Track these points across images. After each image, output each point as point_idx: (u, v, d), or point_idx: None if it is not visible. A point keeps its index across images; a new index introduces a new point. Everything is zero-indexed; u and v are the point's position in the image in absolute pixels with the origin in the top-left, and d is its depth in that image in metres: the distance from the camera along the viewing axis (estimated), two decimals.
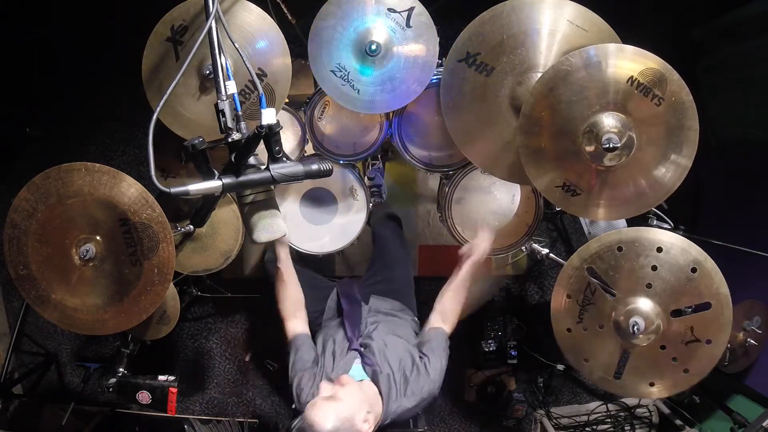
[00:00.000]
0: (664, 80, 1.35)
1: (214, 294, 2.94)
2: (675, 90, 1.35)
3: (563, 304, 1.59)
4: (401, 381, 1.49)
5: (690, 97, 1.36)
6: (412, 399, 1.48)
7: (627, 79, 1.36)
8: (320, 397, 1.38)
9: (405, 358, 1.55)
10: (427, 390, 1.50)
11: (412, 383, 1.49)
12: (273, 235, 1.21)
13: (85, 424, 2.79)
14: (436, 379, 1.52)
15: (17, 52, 2.95)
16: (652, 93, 1.36)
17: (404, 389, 1.48)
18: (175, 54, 1.54)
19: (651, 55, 1.36)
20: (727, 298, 1.47)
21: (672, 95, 1.35)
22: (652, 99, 1.36)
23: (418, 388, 1.49)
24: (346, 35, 1.62)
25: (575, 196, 1.50)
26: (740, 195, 2.62)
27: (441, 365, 1.55)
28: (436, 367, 1.54)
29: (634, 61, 1.36)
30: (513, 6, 1.49)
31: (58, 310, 1.53)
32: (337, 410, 1.32)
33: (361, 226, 2.03)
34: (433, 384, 1.51)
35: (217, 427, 2.98)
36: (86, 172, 1.42)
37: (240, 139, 1.17)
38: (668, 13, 2.73)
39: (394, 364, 1.52)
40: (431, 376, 1.52)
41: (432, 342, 1.61)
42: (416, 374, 1.51)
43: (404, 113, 1.84)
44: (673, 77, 1.35)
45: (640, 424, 2.89)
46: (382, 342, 1.60)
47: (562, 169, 1.48)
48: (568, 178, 1.48)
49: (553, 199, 1.55)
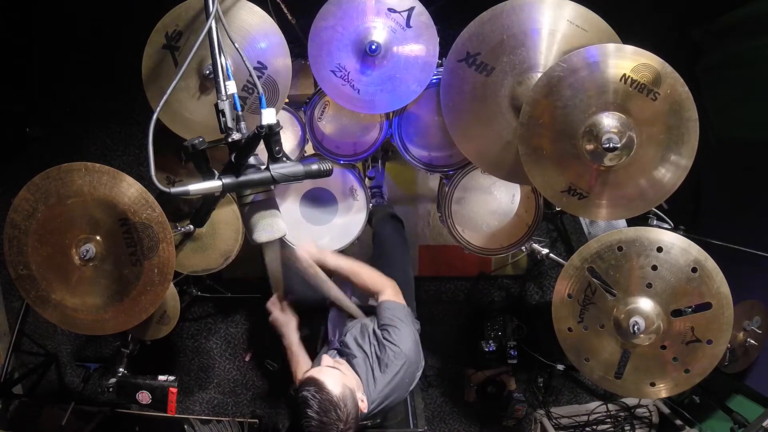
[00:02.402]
0: (658, 75, 1.34)
1: (214, 294, 2.94)
2: (670, 83, 1.35)
3: (564, 303, 1.60)
4: (374, 361, 1.54)
5: (686, 88, 1.35)
6: (388, 374, 1.51)
7: (620, 77, 1.36)
8: (325, 364, 1.45)
9: (373, 339, 1.59)
10: (401, 361, 1.52)
11: (383, 357, 1.52)
12: (273, 235, 1.21)
13: (85, 424, 2.79)
14: (405, 347, 1.54)
15: (17, 52, 2.95)
16: (646, 89, 1.36)
17: (379, 366, 1.52)
18: (173, 60, 1.55)
19: (642, 51, 1.36)
20: (728, 298, 1.47)
21: (668, 88, 1.35)
22: (648, 95, 1.36)
23: (390, 361, 1.52)
24: (346, 35, 1.62)
25: (582, 200, 1.50)
26: (740, 195, 2.62)
27: (403, 332, 1.56)
28: (399, 335, 1.55)
29: (626, 59, 1.36)
30: (513, 6, 1.49)
31: (58, 310, 1.53)
32: (343, 379, 1.40)
33: (361, 226, 2.03)
34: (402, 353, 1.52)
35: (217, 427, 2.98)
36: (86, 172, 1.42)
37: (240, 139, 1.17)
38: (668, 13, 2.74)
39: (366, 347, 1.57)
40: (398, 345, 1.53)
41: (381, 316, 1.62)
42: (384, 349, 1.53)
43: (404, 113, 1.83)
44: (666, 70, 1.34)
45: (640, 424, 2.89)
46: (356, 332, 1.65)
47: (562, 170, 1.48)
48: (572, 182, 1.48)
49: (560, 204, 1.55)
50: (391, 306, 1.64)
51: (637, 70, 1.35)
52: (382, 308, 1.63)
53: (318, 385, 1.34)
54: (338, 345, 1.64)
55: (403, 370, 1.53)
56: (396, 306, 1.64)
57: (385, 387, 1.50)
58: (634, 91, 1.36)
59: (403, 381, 1.54)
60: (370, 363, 1.54)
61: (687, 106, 1.36)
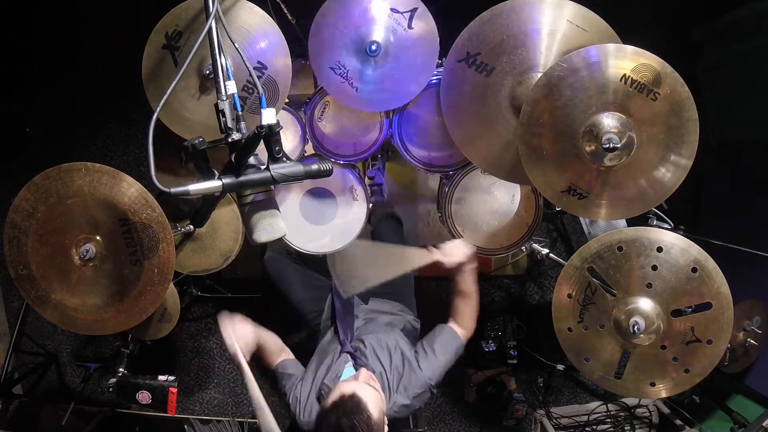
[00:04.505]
0: (658, 75, 1.34)
1: (214, 294, 2.94)
2: (670, 83, 1.35)
3: (564, 303, 1.60)
4: (394, 379, 1.50)
5: (686, 88, 1.35)
6: (404, 396, 1.48)
7: (620, 77, 1.36)
8: (362, 379, 1.38)
9: (396, 356, 1.55)
10: (419, 384, 1.49)
11: (404, 379, 1.50)
12: (273, 235, 1.21)
13: (85, 424, 2.79)
14: (429, 374, 1.52)
15: (17, 52, 2.95)
16: (647, 89, 1.35)
17: (396, 386, 1.49)
18: (173, 60, 1.54)
19: (642, 51, 1.35)
20: (728, 298, 1.47)
21: (668, 89, 1.35)
22: (648, 95, 1.36)
23: (410, 384, 1.49)
24: (347, 33, 1.62)
25: (582, 200, 1.49)
26: (740, 195, 2.62)
27: (439, 361, 1.55)
28: (432, 361, 1.54)
29: (626, 59, 1.36)
30: (513, 6, 1.49)
31: (58, 310, 1.53)
32: (380, 404, 1.36)
33: (361, 226, 2.03)
34: (425, 379, 1.51)
35: (217, 427, 2.98)
36: (86, 172, 1.43)
37: (240, 139, 1.17)
38: (668, 13, 2.74)
39: (386, 362, 1.53)
40: (423, 371, 1.51)
41: (436, 336, 1.61)
42: (408, 369, 1.51)
43: (404, 113, 1.83)
44: (666, 71, 1.34)
45: (640, 424, 2.90)
46: (374, 341, 1.60)
47: (562, 170, 1.48)
48: (572, 182, 1.47)
49: (560, 204, 1.55)
50: (453, 336, 1.62)
51: (637, 70, 1.35)
52: (443, 333, 1.62)
53: (360, 406, 1.28)
54: (351, 349, 1.59)
55: (421, 397, 1.50)
56: (455, 339, 1.62)
57: (400, 408, 1.47)
58: (635, 91, 1.36)
59: (415, 402, 1.51)
60: (388, 381, 1.49)
61: (687, 106, 1.36)
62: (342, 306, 1.79)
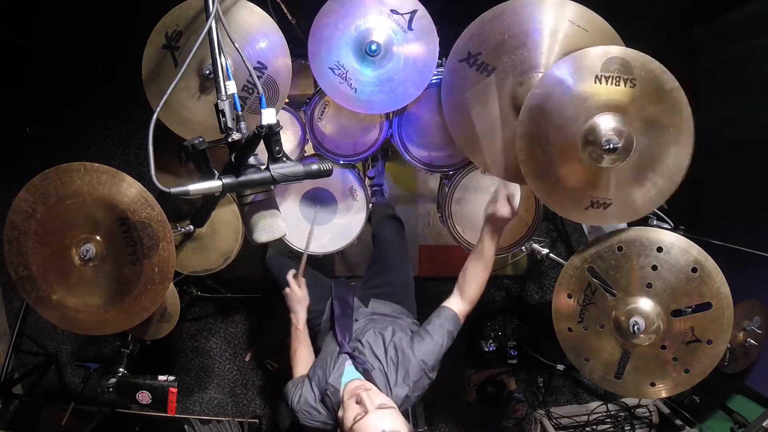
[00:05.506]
0: (625, 62, 1.33)
1: (214, 294, 2.95)
2: (640, 64, 1.33)
3: (564, 303, 1.60)
4: (391, 371, 1.50)
5: (656, 63, 1.33)
6: (404, 387, 1.48)
7: (594, 79, 1.35)
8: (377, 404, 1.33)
9: (390, 347, 1.54)
10: (415, 371, 1.48)
11: (401, 368, 1.49)
12: (273, 235, 1.21)
13: (85, 424, 2.79)
14: (422, 356, 1.51)
15: (17, 52, 2.95)
16: (622, 79, 1.35)
17: (395, 378, 1.48)
18: (173, 60, 1.54)
19: (603, 48, 1.35)
20: (728, 298, 1.47)
21: (641, 70, 1.33)
22: (626, 84, 1.35)
23: (407, 371, 1.48)
24: (347, 33, 1.62)
25: (607, 208, 1.46)
26: (740, 195, 2.62)
27: (435, 342, 1.54)
28: (426, 344, 1.53)
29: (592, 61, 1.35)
30: (514, 6, 1.49)
31: (59, 310, 1.52)
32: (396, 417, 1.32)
33: (361, 226, 2.03)
34: (417, 361, 1.50)
35: (217, 427, 2.98)
36: (86, 172, 1.42)
37: (240, 139, 1.17)
38: (669, 13, 2.74)
39: (382, 356, 1.53)
40: (416, 354, 1.50)
41: (433, 320, 1.60)
42: (402, 357, 1.50)
43: (404, 113, 1.83)
44: (631, 54, 1.33)
45: (640, 424, 2.90)
46: (371, 338, 1.59)
47: (578, 189, 1.45)
48: (592, 196, 1.45)
49: (587, 220, 1.52)
50: (451, 318, 1.61)
51: (605, 67, 1.34)
52: (442, 315, 1.61)
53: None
54: (349, 349, 1.59)
55: (420, 384, 1.50)
56: (453, 320, 1.61)
57: (402, 401, 1.46)
58: (612, 86, 1.35)
59: (415, 391, 1.50)
60: (387, 375, 1.49)
61: (665, 79, 1.34)
62: (341, 307, 1.79)
